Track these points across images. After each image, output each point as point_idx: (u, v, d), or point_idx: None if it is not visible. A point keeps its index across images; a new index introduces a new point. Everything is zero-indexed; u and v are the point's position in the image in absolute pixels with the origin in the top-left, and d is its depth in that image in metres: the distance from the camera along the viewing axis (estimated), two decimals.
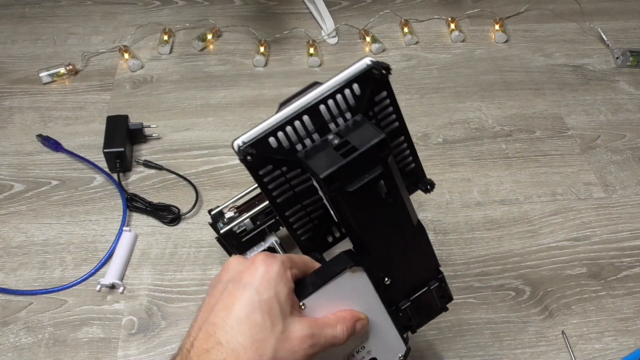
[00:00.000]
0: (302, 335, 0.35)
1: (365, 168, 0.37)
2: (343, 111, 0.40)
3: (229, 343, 0.34)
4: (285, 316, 0.35)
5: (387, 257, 0.42)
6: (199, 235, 0.70)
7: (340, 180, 0.36)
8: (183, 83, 0.90)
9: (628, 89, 0.90)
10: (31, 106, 0.86)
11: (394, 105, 0.42)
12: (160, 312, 0.63)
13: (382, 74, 0.39)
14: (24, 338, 0.61)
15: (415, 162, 0.46)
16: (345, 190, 0.36)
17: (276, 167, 0.40)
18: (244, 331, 0.34)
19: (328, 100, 0.39)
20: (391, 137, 0.44)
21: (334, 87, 0.39)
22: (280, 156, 0.39)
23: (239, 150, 0.38)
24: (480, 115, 0.86)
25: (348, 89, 0.39)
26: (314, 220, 0.44)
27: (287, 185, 0.41)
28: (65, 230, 0.70)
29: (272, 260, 0.36)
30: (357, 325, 0.39)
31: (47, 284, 0.65)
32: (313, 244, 0.44)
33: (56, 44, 0.96)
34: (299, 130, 0.39)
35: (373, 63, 0.39)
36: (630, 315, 0.64)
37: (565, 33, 1.00)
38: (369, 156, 0.36)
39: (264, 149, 0.39)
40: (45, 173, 0.77)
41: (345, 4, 1.05)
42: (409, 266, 0.44)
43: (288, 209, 0.42)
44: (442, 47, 0.97)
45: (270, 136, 0.39)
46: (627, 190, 0.76)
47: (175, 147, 0.80)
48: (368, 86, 0.40)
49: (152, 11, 1.03)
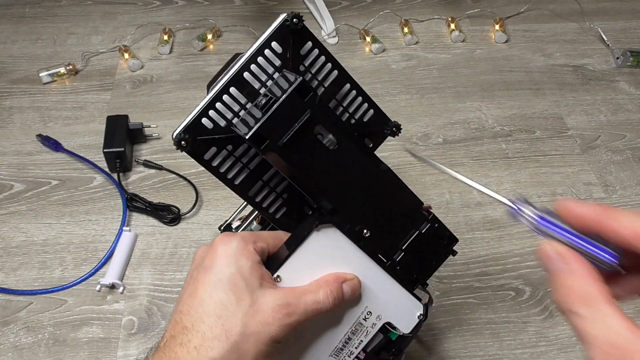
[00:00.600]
0: (275, 305, 0.34)
1: (293, 117, 0.35)
2: (270, 74, 0.38)
3: (194, 325, 0.33)
4: (253, 290, 0.34)
5: (358, 207, 0.39)
6: (199, 235, 0.70)
7: (269, 137, 0.35)
8: (183, 83, 0.90)
9: (628, 89, 0.90)
10: (31, 106, 0.86)
11: (325, 55, 0.41)
12: (160, 312, 0.63)
13: (294, 23, 0.38)
14: (24, 338, 0.61)
15: (371, 107, 0.44)
16: (277, 145, 0.35)
17: (220, 147, 0.38)
18: (208, 311, 0.34)
19: (251, 65, 0.38)
20: (335, 88, 0.42)
21: (253, 51, 0.38)
22: (219, 135, 0.38)
23: (173, 139, 0.37)
24: (480, 115, 0.86)
25: (268, 49, 0.38)
26: (282, 195, 0.42)
27: (240, 164, 0.40)
28: (65, 230, 0.70)
29: (230, 238, 0.36)
30: (345, 286, 0.37)
31: (47, 283, 0.65)
32: (291, 219, 0.42)
33: (56, 43, 0.96)
34: (230, 105, 0.38)
35: (286, 15, 0.38)
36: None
37: (566, 33, 1.00)
38: (292, 103, 0.35)
39: (200, 132, 0.37)
40: (45, 173, 0.77)
41: (346, 4, 1.05)
42: (387, 213, 0.41)
43: (249, 189, 0.40)
44: (442, 47, 0.97)
45: (202, 117, 0.37)
46: (627, 190, 0.76)
47: None
48: (287, 40, 0.38)
49: (152, 11, 1.03)
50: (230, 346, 0.33)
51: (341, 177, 0.38)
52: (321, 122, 0.36)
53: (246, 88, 0.38)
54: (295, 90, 0.35)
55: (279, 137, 0.35)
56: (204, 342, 0.33)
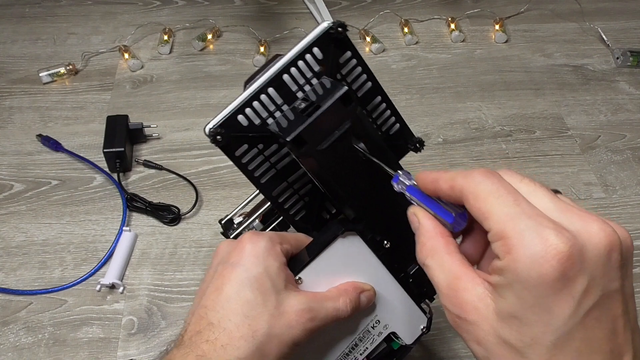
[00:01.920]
0: (299, 309, 0.34)
1: (333, 124, 0.36)
2: (309, 78, 0.39)
3: (220, 322, 0.33)
4: (278, 291, 0.34)
5: (381, 218, 0.40)
6: (199, 235, 0.70)
7: (310, 141, 0.35)
8: (183, 83, 0.90)
9: (628, 89, 0.90)
10: (31, 106, 0.86)
11: (362, 65, 0.41)
12: (160, 312, 0.63)
13: (338, 32, 0.38)
14: (23, 338, 0.61)
15: (398, 122, 0.44)
16: (316, 150, 0.35)
17: (252, 145, 0.39)
18: (235, 309, 0.34)
19: (291, 68, 0.38)
20: (367, 99, 0.43)
21: (294, 55, 0.39)
22: (253, 133, 0.38)
23: (209, 132, 0.37)
24: (480, 115, 0.86)
25: (309, 54, 0.39)
26: (304, 197, 0.42)
27: (268, 164, 0.40)
28: (65, 230, 0.70)
29: (258, 237, 0.36)
30: (362, 297, 0.38)
31: (47, 283, 0.65)
32: (309, 223, 0.43)
33: (56, 43, 0.96)
34: (266, 105, 0.38)
35: (331, 23, 0.38)
36: None
37: (566, 33, 1.00)
38: (335, 111, 0.35)
39: (235, 128, 0.38)
40: (45, 173, 0.77)
41: (345, 4, 1.05)
42: (407, 225, 0.42)
43: (274, 189, 0.41)
44: (442, 47, 0.97)
45: (239, 114, 0.38)
46: (627, 190, 0.76)
47: (175, 147, 0.80)
48: (329, 48, 0.39)
49: (152, 11, 1.03)
50: (255, 347, 0.33)
51: (369, 187, 0.39)
52: (359, 132, 0.37)
53: (283, 89, 0.38)
54: (340, 98, 0.35)
55: (319, 143, 0.36)
56: (230, 341, 0.33)
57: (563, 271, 0.23)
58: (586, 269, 0.23)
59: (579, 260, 0.23)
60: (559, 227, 0.24)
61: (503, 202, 0.25)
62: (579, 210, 0.25)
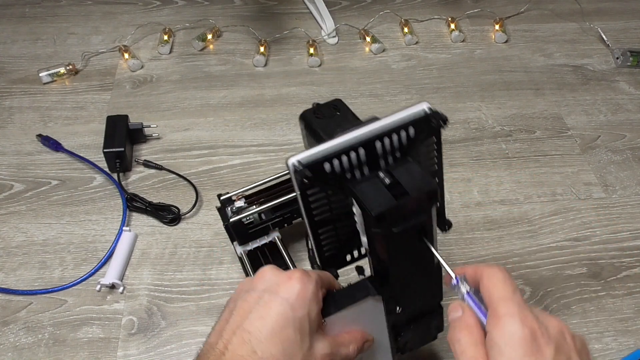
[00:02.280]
0: (324, 354, 0.38)
1: (412, 212, 0.38)
2: (395, 149, 0.41)
3: (263, 353, 0.36)
4: (312, 334, 0.38)
5: (405, 290, 0.44)
6: (199, 235, 0.70)
7: (389, 220, 0.37)
8: (183, 83, 0.90)
9: (628, 89, 0.90)
10: (31, 106, 0.86)
11: (438, 152, 0.44)
12: (160, 312, 0.63)
13: (439, 124, 0.41)
14: (23, 338, 0.61)
15: (440, 202, 0.47)
16: (390, 231, 0.38)
17: (323, 189, 0.41)
18: (277, 344, 0.36)
19: (384, 137, 0.40)
20: None
21: (393, 127, 0.40)
22: (331, 181, 0.40)
23: (296, 171, 0.38)
24: (480, 115, 0.86)
25: (404, 130, 0.41)
26: (341, 241, 0.45)
27: (327, 207, 0.42)
28: (65, 230, 0.70)
29: (308, 280, 0.39)
30: (365, 345, 0.43)
31: (47, 283, 0.65)
32: (335, 261, 0.46)
33: (56, 43, 0.96)
34: (352, 161, 0.40)
35: (432, 112, 0.41)
36: (630, 316, 0.64)
37: (565, 33, 1.00)
38: (419, 202, 0.38)
39: (318, 172, 0.39)
40: (45, 173, 0.77)
41: (346, 4, 1.05)
42: (420, 299, 0.46)
43: (322, 228, 0.43)
44: (442, 47, 0.97)
45: (326, 162, 0.39)
46: (627, 190, 0.76)
47: (175, 147, 0.80)
48: (423, 132, 0.41)
49: (152, 11, 1.03)
50: None
51: (410, 264, 0.42)
52: (428, 226, 0.40)
53: (371, 153, 0.40)
54: (427, 193, 0.38)
55: (394, 225, 0.38)
56: None
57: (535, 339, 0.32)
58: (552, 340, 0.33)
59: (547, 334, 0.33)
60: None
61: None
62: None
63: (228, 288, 0.65)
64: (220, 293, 0.65)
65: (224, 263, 0.67)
